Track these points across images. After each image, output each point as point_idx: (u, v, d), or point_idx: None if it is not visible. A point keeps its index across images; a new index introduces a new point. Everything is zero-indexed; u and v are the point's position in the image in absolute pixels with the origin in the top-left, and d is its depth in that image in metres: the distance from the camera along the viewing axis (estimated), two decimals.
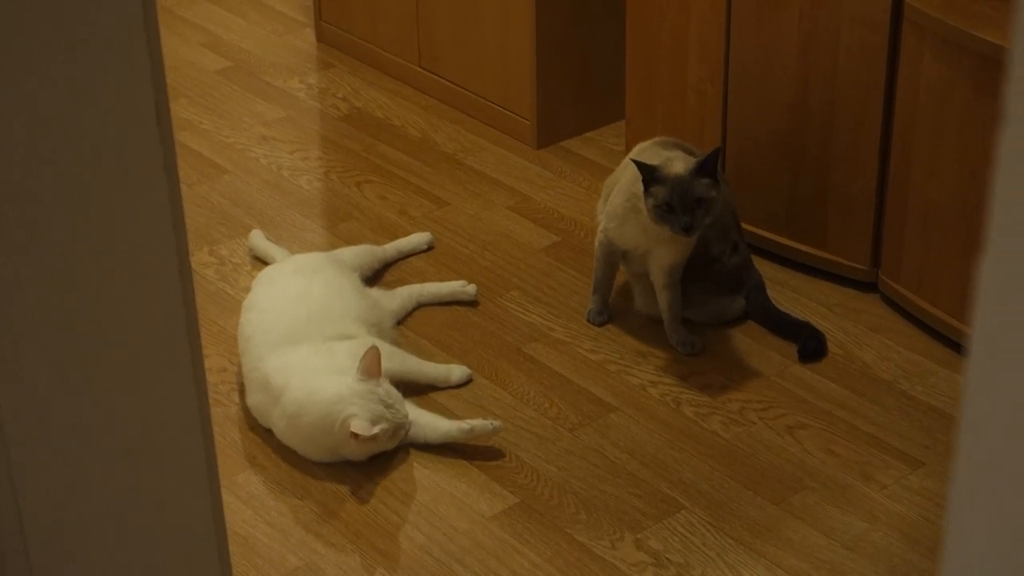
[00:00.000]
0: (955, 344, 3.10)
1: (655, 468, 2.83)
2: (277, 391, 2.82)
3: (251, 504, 2.76)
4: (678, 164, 2.91)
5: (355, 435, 2.70)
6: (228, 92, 4.23)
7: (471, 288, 3.30)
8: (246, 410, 2.98)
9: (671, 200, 2.87)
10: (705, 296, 3.16)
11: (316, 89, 4.23)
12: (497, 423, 2.85)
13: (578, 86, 3.87)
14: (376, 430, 2.70)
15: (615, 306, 3.26)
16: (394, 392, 2.79)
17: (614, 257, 3.16)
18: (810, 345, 3.10)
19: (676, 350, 3.12)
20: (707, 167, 2.89)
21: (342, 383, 2.75)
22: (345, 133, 4.01)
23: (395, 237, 3.49)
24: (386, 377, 2.80)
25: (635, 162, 2.92)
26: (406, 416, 2.79)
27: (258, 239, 3.45)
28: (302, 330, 2.90)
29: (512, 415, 2.96)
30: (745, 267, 3.19)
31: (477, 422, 2.85)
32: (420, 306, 3.28)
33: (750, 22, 3.24)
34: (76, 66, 1.06)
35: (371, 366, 2.76)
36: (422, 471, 2.83)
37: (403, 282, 3.34)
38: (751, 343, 3.16)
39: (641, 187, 2.91)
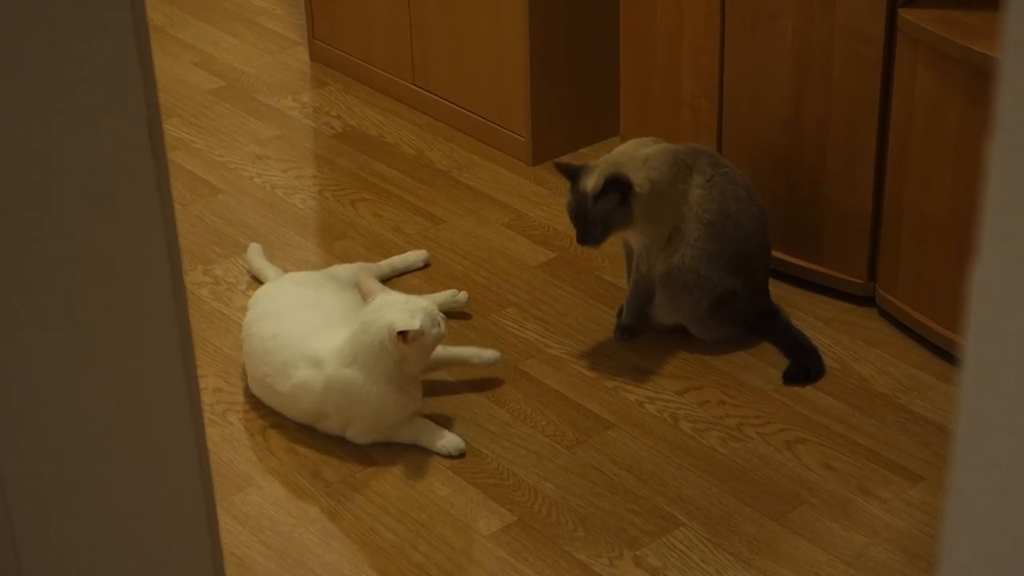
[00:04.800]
0: (953, 357, 3.09)
1: (653, 484, 2.82)
2: (328, 355, 2.87)
3: (248, 524, 2.74)
4: (591, 179, 2.96)
5: (404, 336, 2.77)
6: (221, 111, 4.22)
7: (463, 296, 3.29)
8: (242, 430, 2.97)
9: (571, 212, 3.00)
10: (722, 325, 3.15)
11: (310, 107, 4.23)
12: (460, 447, 2.88)
13: (572, 102, 3.87)
14: (418, 321, 2.78)
15: (607, 321, 3.25)
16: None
17: (628, 249, 3.19)
18: (793, 370, 3.09)
19: (669, 368, 3.12)
20: (611, 188, 2.93)
21: (360, 314, 2.87)
22: (339, 151, 4.00)
23: (390, 255, 3.49)
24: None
25: (555, 165, 3.09)
26: (430, 302, 2.90)
27: (255, 255, 3.43)
28: (326, 328, 2.92)
29: (509, 432, 2.95)
30: (764, 302, 3.19)
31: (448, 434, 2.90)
32: None
33: (744, 36, 3.24)
34: (67, 86, 1.05)
35: (368, 285, 2.92)
36: (419, 489, 2.81)
37: None
38: (748, 358, 3.15)
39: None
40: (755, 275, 3.14)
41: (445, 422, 2.98)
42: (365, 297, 2.90)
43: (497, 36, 3.84)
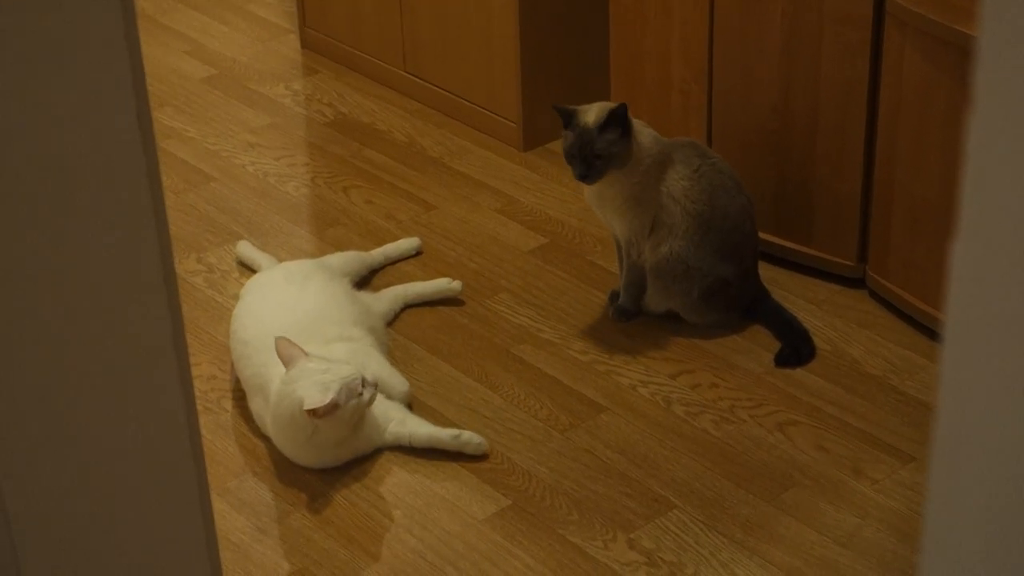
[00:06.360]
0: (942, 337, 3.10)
1: (646, 468, 2.83)
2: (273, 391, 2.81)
3: (243, 511, 2.75)
4: (590, 115, 2.99)
5: (315, 413, 2.66)
6: (213, 100, 4.22)
7: (456, 284, 3.30)
8: (237, 417, 2.98)
9: (573, 149, 2.98)
10: (713, 311, 3.16)
11: (301, 95, 4.23)
12: (485, 444, 2.85)
13: (563, 87, 3.88)
14: (330, 395, 2.65)
15: (599, 305, 3.26)
16: (330, 359, 2.74)
17: (617, 238, 3.20)
18: (785, 353, 3.10)
19: (661, 351, 3.13)
20: (613, 121, 2.97)
21: (279, 382, 2.73)
22: (331, 138, 4.01)
23: (383, 242, 3.49)
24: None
25: (555, 107, 3.05)
26: (355, 370, 2.71)
27: (246, 248, 3.45)
28: (302, 335, 2.86)
29: (502, 417, 2.97)
30: (755, 287, 3.20)
31: (465, 432, 2.85)
32: (407, 307, 3.27)
33: (733, 21, 3.25)
34: (55, 75, 1.06)
35: (287, 352, 2.72)
36: (414, 475, 2.83)
37: (391, 286, 3.34)
38: (740, 341, 3.16)
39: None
40: (744, 263, 3.15)
41: (437, 410, 2.99)
42: (285, 364, 2.72)
43: (487, 22, 3.85)
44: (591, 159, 2.98)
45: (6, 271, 1.08)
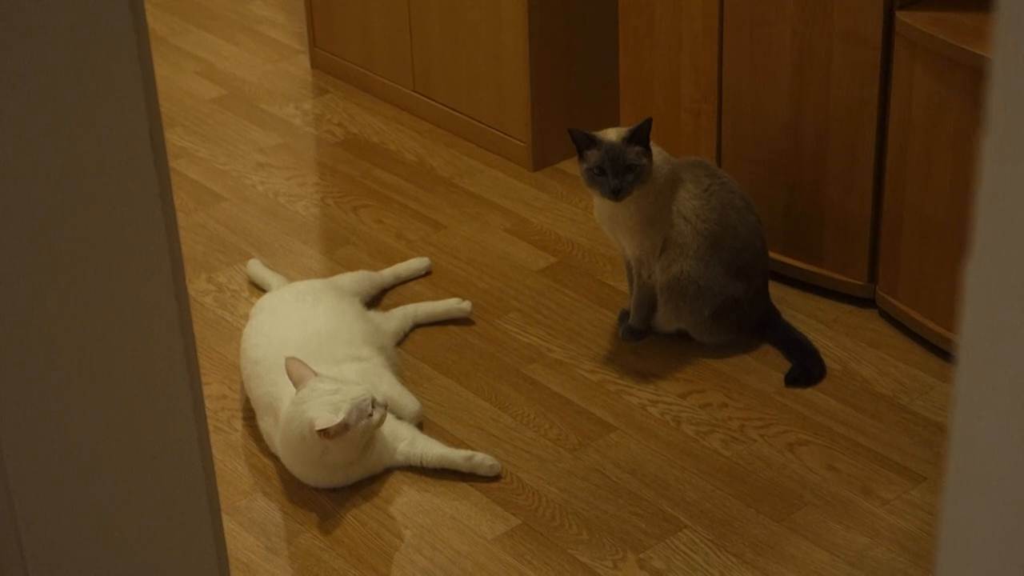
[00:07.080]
0: (953, 357, 3.10)
1: (656, 487, 2.83)
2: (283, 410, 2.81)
3: (253, 530, 2.76)
4: (612, 133, 3.01)
5: (326, 433, 2.66)
6: (224, 120, 4.24)
7: (466, 305, 3.30)
8: (247, 436, 2.98)
9: (603, 164, 2.98)
10: (723, 331, 3.16)
11: (311, 115, 4.25)
12: (498, 466, 2.85)
13: (572, 107, 3.89)
14: (341, 415, 2.65)
15: (609, 325, 3.27)
16: (340, 379, 2.74)
17: (627, 259, 3.20)
18: (795, 372, 3.10)
19: (671, 371, 3.13)
20: (639, 136, 2.98)
21: (289, 402, 2.74)
22: (341, 159, 4.02)
23: (393, 261, 3.50)
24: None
25: (570, 131, 3.03)
26: (365, 391, 2.71)
27: (256, 267, 3.45)
28: (313, 354, 2.87)
29: (512, 437, 2.96)
30: (765, 307, 3.20)
31: (478, 454, 2.85)
32: (417, 326, 3.28)
33: (742, 41, 3.25)
34: (69, 96, 1.06)
35: (297, 372, 2.73)
36: (423, 494, 2.82)
37: (400, 305, 3.34)
38: (750, 360, 3.16)
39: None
40: (754, 282, 3.15)
41: (447, 430, 2.99)
42: (295, 384, 2.73)
43: (497, 42, 3.86)
44: (623, 172, 2.97)
45: (18, 290, 1.08)
